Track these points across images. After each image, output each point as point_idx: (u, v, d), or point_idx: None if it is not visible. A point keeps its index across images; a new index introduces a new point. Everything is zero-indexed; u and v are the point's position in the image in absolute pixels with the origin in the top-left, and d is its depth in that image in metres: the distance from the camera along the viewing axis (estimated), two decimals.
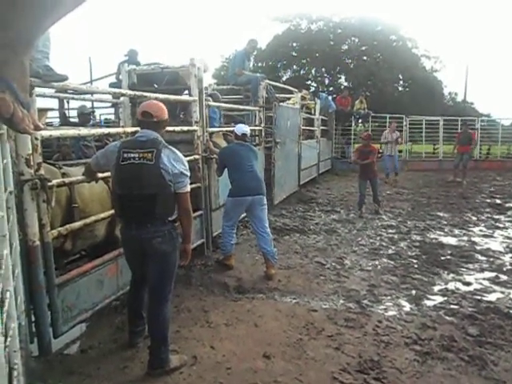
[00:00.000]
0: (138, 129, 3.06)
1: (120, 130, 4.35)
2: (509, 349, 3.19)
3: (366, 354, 3.10)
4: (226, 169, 4.87)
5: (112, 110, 9.30)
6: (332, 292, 4.28)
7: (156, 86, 5.71)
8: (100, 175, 3.31)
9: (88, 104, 7.57)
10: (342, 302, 4.06)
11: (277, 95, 8.21)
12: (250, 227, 5.75)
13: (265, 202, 4.81)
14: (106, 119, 10.98)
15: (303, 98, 12.18)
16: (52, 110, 8.00)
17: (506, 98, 58.67)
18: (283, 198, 8.52)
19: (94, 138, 6.59)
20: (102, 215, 3.46)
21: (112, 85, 7.43)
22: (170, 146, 2.82)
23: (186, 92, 5.55)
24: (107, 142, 5.59)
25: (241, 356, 3.08)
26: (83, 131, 3.87)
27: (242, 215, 5.32)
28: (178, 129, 4.51)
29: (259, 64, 26.19)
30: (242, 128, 4.99)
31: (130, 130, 3.98)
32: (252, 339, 3.33)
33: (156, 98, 3.75)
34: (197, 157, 4.87)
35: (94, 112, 7.96)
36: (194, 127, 4.87)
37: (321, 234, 6.47)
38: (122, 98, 5.50)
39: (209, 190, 5.19)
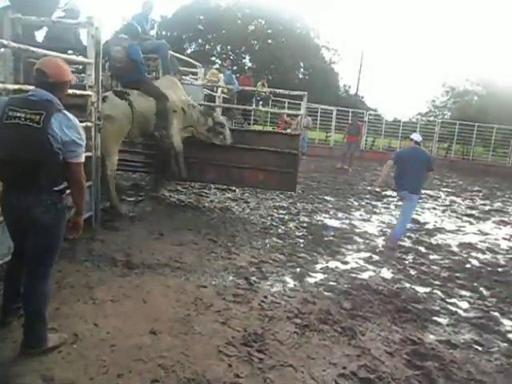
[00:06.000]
0: (20, 86, 2.74)
1: None
2: (375, 320, 3.59)
3: (250, 327, 3.25)
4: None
5: None
6: (222, 268, 4.37)
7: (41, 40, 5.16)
8: None
9: None
10: (231, 278, 4.18)
11: (180, 68, 7.95)
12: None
13: None
14: None
15: (214, 75, 12.01)
16: None
17: (391, 97, 65.46)
18: None
19: None
20: None
21: None
22: (66, 111, 2.57)
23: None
24: None
25: (126, 333, 3.01)
26: None
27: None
28: (69, 92, 4.14)
29: (163, 33, 25.20)
30: None
31: (11, 86, 3.54)
32: (139, 315, 3.27)
33: (45, 55, 3.39)
34: (89, 124, 4.54)
35: None
36: (88, 92, 4.53)
37: (215, 212, 6.54)
38: (2, 49, 4.86)
39: (100, 160, 4.89)
